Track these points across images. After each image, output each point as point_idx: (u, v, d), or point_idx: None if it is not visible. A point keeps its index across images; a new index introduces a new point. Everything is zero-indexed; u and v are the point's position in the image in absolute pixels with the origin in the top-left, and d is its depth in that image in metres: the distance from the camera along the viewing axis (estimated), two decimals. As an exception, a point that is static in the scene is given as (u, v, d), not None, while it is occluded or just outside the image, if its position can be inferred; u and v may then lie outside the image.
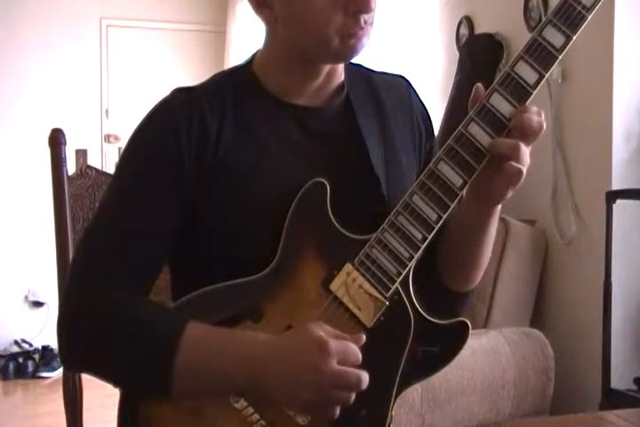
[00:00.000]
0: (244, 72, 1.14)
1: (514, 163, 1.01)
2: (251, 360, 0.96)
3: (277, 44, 1.12)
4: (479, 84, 1.06)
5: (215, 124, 1.08)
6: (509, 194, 1.06)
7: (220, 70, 1.22)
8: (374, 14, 1.06)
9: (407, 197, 1.04)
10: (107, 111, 5.06)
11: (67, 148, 1.45)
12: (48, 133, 1.44)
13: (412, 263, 1.04)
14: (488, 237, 1.13)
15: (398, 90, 1.22)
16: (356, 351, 0.94)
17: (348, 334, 0.97)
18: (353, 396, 0.94)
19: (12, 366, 4.40)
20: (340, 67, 1.15)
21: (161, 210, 1.06)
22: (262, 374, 0.95)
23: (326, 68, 1.12)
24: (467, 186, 1.04)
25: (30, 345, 4.59)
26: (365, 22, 1.05)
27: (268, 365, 0.95)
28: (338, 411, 0.95)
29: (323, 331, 0.95)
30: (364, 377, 0.93)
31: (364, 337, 0.97)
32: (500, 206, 1.10)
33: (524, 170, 1.03)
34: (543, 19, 1.05)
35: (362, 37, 1.06)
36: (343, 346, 0.94)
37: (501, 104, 1.03)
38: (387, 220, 1.04)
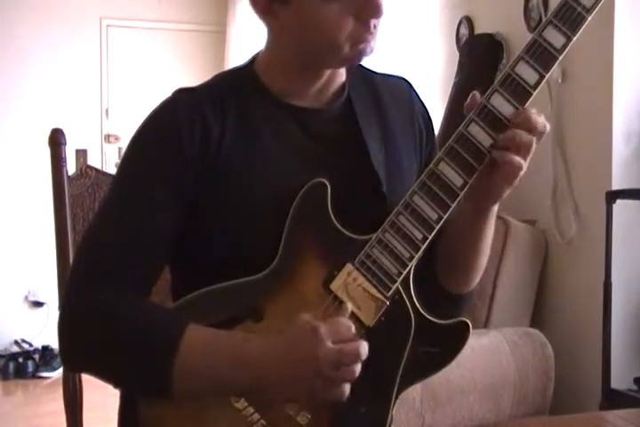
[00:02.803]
0: (245, 73, 1.15)
1: (514, 156, 1.01)
2: (249, 363, 0.96)
3: (280, 49, 1.12)
4: (475, 92, 1.06)
5: (217, 125, 1.08)
6: (506, 192, 1.06)
7: (220, 70, 1.22)
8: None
9: (408, 197, 1.04)
10: (107, 111, 5.06)
11: (67, 148, 1.44)
12: (48, 133, 1.44)
13: (413, 263, 1.04)
14: (485, 239, 1.13)
15: (399, 91, 1.22)
16: (346, 325, 0.95)
17: (330, 311, 0.98)
18: (357, 369, 0.94)
19: (12, 366, 4.40)
20: (342, 68, 1.15)
21: (162, 210, 1.06)
22: (262, 375, 0.95)
23: (328, 70, 1.12)
24: (467, 186, 1.04)
25: (30, 345, 4.59)
26: (375, 27, 1.05)
27: (267, 365, 0.95)
28: (347, 390, 0.94)
29: (307, 318, 0.95)
30: (363, 347, 0.93)
31: (350, 307, 0.99)
32: (496, 207, 1.10)
33: (524, 167, 1.02)
34: (543, 19, 1.06)
35: (371, 41, 1.06)
36: (333, 324, 0.94)
37: (502, 104, 1.03)
38: (387, 220, 1.04)
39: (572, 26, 1.04)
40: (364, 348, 0.94)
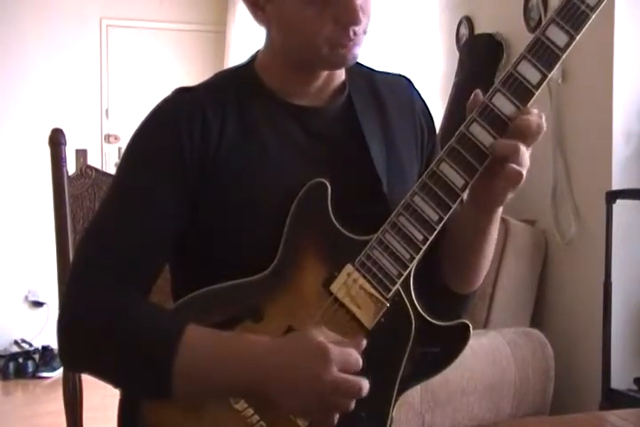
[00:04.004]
0: (245, 71, 1.14)
1: (514, 165, 1.01)
2: (250, 365, 0.96)
3: (275, 46, 1.12)
4: (478, 91, 1.05)
5: (217, 125, 1.07)
6: (508, 196, 1.05)
7: (219, 70, 1.22)
8: (367, 23, 1.06)
9: (408, 198, 1.03)
10: (107, 111, 5.06)
11: (67, 148, 1.44)
12: (48, 133, 1.44)
13: (413, 264, 1.04)
14: (489, 241, 1.13)
15: (400, 89, 1.22)
16: (356, 358, 0.94)
17: (349, 339, 0.97)
18: (353, 403, 0.94)
19: (12, 366, 4.40)
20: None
21: (162, 210, 1.06)
22: (262, 378, 0.95)
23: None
24: (468, 187, 1.03)
25: (30, 345, 4.59)
26: (355, 34, 1.04)
27: (269, 369, 0.95)
28: (337, 417, 0.95)
29: (324, 336, 0.95)
30: (365, 385, 0.93)
31: (364, 342, 0.97)
32: (500, 210, 1.09)
33: (524, 172, 1.02)
34: (543, 19, 1.05)
35: (352, 48, 1.05)
36: (344, 353, 0.94)
37: (504, 104, 1.02)
38: (388, 220, 1.03)
39: (576, 24, 1.03)
40: (365, 386, 0.93)
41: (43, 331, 4.51)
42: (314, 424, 1.00)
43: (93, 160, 4.75)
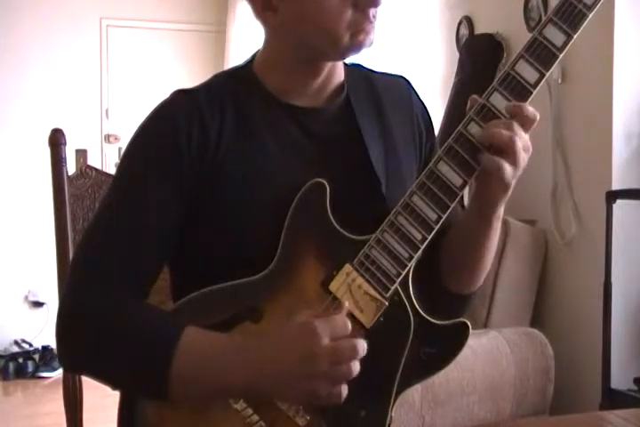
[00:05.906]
0: (244, 72, 1.14)
1: (502, 161, 1.00)
2: (246, 365, 0.96)
3: (279, 46, 1.12)
4: (474, 96, 1.05)
5: (215, 125, 1.08)
6: (501, 198, 1.05)
7: (219, 70, 1.22)
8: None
9: (407, 198, 1.03)
10: (107, 111, 5.06)
11: (67, 148, 1.45)
12: (48, 133, 1.44)
13: (412, 264, 1.04)
14: (490, 243, 1.13)
15: (398, 90, 1.22)
16: (342, 321, 0.95)
17: (329, 311, 0.98)
18: (356, 366, 0.94)
19: (12, 366, 4.40)
20: (340, 67, 1.15)
21: (161, 211, 1.06)
22: (259, 377, 0.95)
23: (327, 67, 1.12)
24: (466, 186, 1.03)
25: (30, 345, 4.60)
26: (374, 16, 1.06)
27: (264, 367, 0.95)
28: (345, 390, 0.95)
29: (304, 316, 0.96)
30: (360, 344, 0.94)
31: (346, 304, 0.99)
32: (501, 211, 1.09)
33: (518, 170, 1.01)
34: (543, 19, 1.05)
35: (370, 32, 1.07)
36: (329, 322, 0.94)
37: (501, 104, 1.03)
38: (386, 220, 1.03)
39: (573, 24, 1.03)
40: (361, 344, 0.94)
41: (43, 331, 4.52)
42: (314, 420, 1.00)
43: (93, 160, 4.75)
